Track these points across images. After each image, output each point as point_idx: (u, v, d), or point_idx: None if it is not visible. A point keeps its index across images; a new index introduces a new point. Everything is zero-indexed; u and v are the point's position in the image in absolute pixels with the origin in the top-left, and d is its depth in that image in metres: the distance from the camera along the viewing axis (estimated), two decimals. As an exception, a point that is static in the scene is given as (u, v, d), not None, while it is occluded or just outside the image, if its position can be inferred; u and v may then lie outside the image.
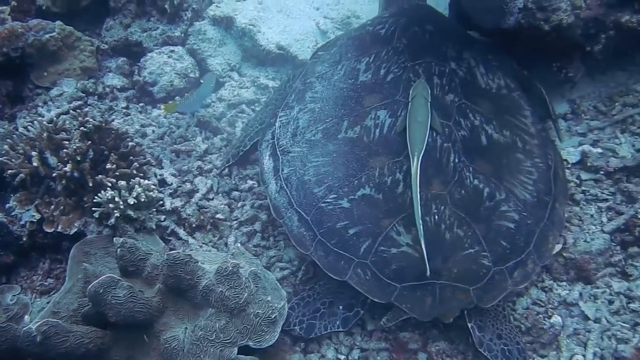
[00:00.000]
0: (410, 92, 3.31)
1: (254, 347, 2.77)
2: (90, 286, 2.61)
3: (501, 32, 3.86)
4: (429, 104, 3.24)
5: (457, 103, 3.38)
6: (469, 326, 3.09)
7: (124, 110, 4.51)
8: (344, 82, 3.54)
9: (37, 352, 2.46)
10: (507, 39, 4.00)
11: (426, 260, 2.89)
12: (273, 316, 2.82)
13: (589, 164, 3.78)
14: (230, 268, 2.76)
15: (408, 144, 3.12)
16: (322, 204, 3.17)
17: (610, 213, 3.60)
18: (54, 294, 3.39)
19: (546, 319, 3.24)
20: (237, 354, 2.75)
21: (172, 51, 4.74)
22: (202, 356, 2.66)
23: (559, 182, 3.47)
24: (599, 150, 3.84)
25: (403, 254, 2.99)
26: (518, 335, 3.16)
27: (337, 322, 3.16)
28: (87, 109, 4.30)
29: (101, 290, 2.60)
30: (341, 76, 3.58)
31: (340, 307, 3.19)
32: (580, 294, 3.35)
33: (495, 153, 3.29)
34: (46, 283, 3.54)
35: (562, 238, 3.47)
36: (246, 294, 2.78)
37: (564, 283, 3.41)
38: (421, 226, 2.91)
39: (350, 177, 3.18)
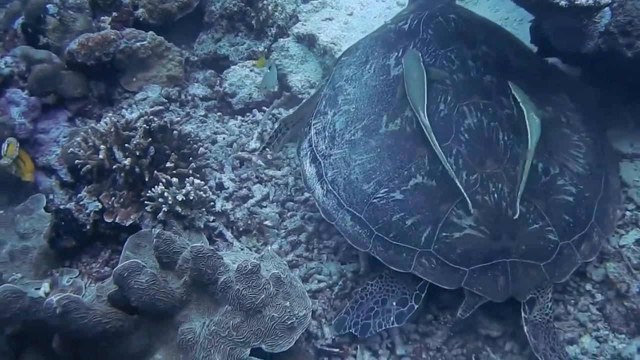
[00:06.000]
0: (403, 62, 3.43)
1: (267, 350, 2.74)
2: (116, 268, 2.71)
3: (580, 57, 3.65)
4: (421, 61, 3.34)
5: (495, 83, 3.38)
6: (525, 330, 2.97)
7: (201, 118, 4.71)
8: (375, 80, 3.54)
9: (57, 324, 2.56)
10: (586, 64, 3.78)
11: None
12: (290, 322, 2.77)
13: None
14: (250, 267, 2.76)
15: (410, 101, 3.18)
16: (374, 200, 3.16)
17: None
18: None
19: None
20: (254, 356, 2.74)
21: (254, 65, 4.89)
22: (212, 351, 2.66)
23: (607, 155, 3.43)
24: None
25: (467, 237, 2.98)
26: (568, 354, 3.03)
27: (392, 318, 3.10)
28: (155, 112, 4.49)
29: (125, 274, 2.69)
30: (372, 74, 3.57)
31: (394, 303, 3.14)
32: (639, 349, 3.03)
33: (542, 129, 3.19)
34: (102, 271, 3.70)
35: (626, 285, 3.18)
36: (263, 296, 2.76)
37: (622, 335, 3.11)
38: (448, 164, 2.99)
39: (399, 168, 3.16)
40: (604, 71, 3.73)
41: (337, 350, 3.18)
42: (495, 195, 3.02)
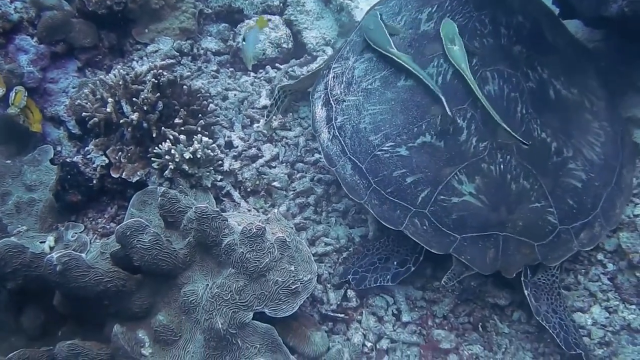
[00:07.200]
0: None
1: (270, 315, 2.71)
2: (119, 227, 2.66)
3: (603, 20, 3.49)
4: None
5: (525, 54, 3.26)
6: (526, 294, 2.95)
7: (213, 73, 4.59)
8: (403, 32, 3.43)
9: (58, 281, 2.53)
10: (610, 29, 3.61)
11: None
12: (294, 287, 2.73)
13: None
14: (255, 231, 2.70)
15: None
16: (378, 152, 3.10)
17: None
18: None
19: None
20: (256, 320, 2.70)
21: (268, 20, 4.74)
22: (214, 314, 2.62)
23: (626, 148, 3.31)
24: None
25: (465, 204, 2.93)
26: (570, 316, 2.99)
27: (388, 277, 3.12)
28: (165, 65, 4.33)
29: (128, 233, 2.64)
30: (400, 27, 3.45)
31: (395, 262, 3.15)
32: (649, 320, 2.97)
33: (563, 109, 3.20)
34: (108, 227, 3.66)
35: (638, 255, 3.09)
36: (267, 260, 2.71)
37: (633, 306, 3.04)
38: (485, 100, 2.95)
39: (410, 124, 3.08)
40: (627, 35, 3.56)
41: (342, 315, 3.15)
42: (502, 166, 2.95)
